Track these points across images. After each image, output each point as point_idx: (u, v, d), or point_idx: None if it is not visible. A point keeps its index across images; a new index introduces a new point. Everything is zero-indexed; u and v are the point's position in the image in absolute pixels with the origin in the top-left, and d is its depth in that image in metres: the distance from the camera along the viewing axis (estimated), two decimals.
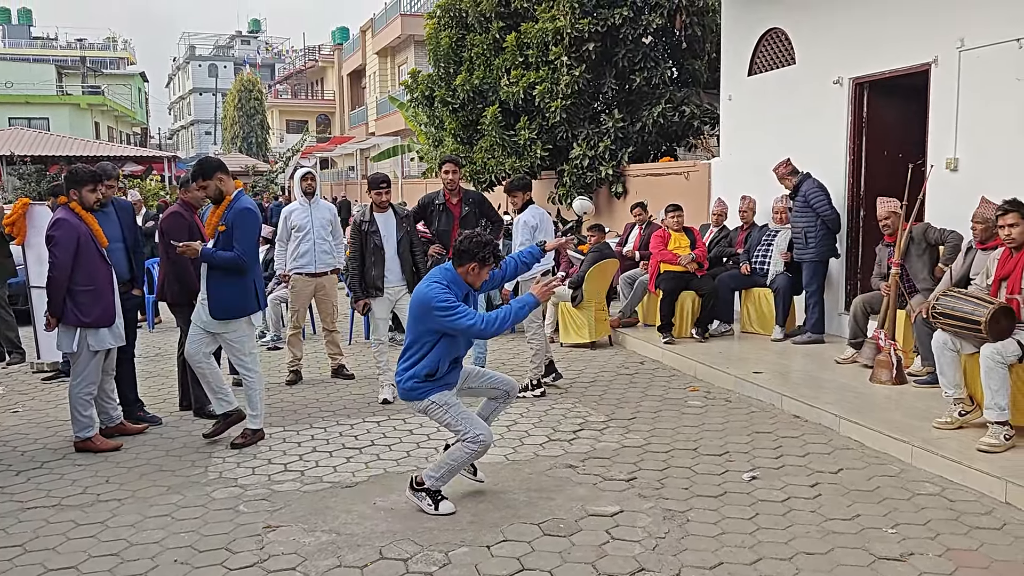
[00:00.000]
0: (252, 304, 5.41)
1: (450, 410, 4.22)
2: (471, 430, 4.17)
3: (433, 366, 4.20)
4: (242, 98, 46.61)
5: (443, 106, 13.95)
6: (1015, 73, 6.17)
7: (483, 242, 4.23)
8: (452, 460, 4.22)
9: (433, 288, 4.16)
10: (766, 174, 8.49)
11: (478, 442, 4.16)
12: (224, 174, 5.36)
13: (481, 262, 4.24)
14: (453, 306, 4.09)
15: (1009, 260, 4.97)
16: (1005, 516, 4.05)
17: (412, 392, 4.25)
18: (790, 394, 6.02)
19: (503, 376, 4.63)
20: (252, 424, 5.46)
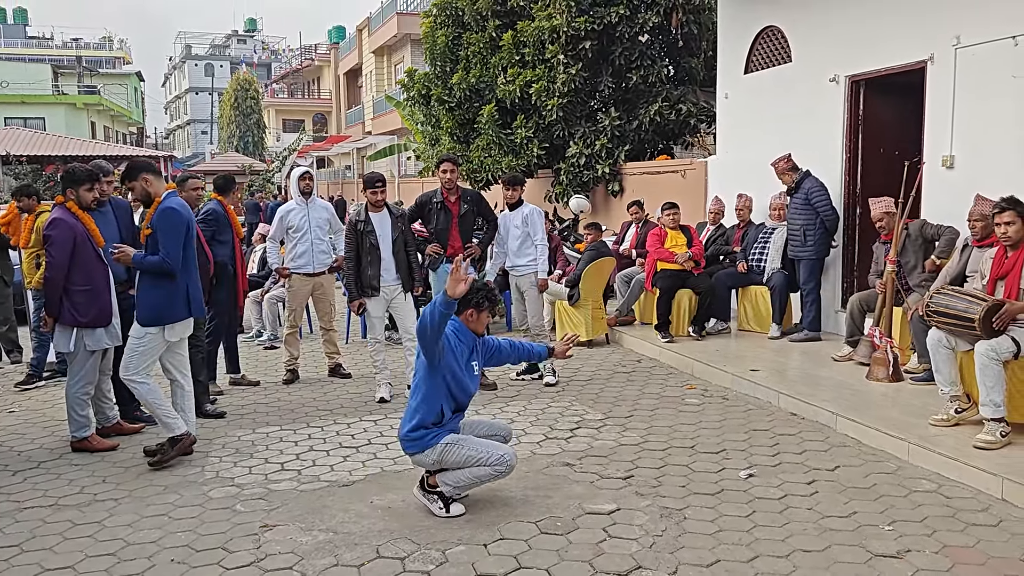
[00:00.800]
0: (181, 310, 5.05)
1: (466, 443, 4.18)
2: (494, 453, 4.13)
3: (437, 414, 4.17)
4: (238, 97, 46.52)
5: (439, 105, 13.94)
6: (1011, 70, 6.18)
7: (474, 288, 4.22)
8: (474, 477, 4.14)
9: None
10: (763, 172, 8.49)
11: (503, 463, 4.13)
12: (151, 175, 5.11)
13: (476, 307, 4.25)
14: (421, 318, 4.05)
15: (1005, 260, 4.97)
16: (1001, 513, 4.06)
17: (422, 441, 4.15)
18: (787, 392, 6.03)
19: (499, 423, 4.60)
20: (168, 433, 5.05)
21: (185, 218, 5.06)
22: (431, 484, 4.20)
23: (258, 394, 6.78)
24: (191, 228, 5.15)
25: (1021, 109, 6.13)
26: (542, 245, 6.90)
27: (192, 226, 5.19)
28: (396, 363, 7.09)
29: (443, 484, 4.16)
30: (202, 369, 6.15)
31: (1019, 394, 4.83)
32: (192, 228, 5.18)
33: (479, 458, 4.12)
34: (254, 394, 6.77)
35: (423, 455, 4.17)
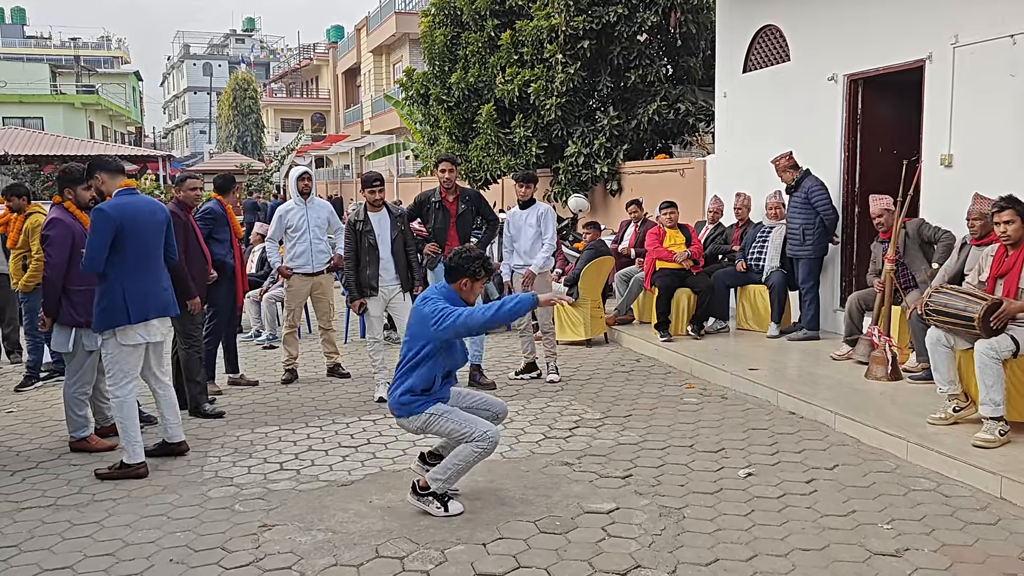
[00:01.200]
0: (119, 315, 4.69)
1: (451, 415, 4.17)
2: (477, 428, 4.12)
3: (428, 381, 4.19)
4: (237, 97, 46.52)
5: (438, 104, 13.94)
6: (1009, 69, 6.18)
7: (472, 256, 4.24)
8: (460, 461, 4.12)
9: (425, 303, 4.20)
10: (762, 171, 8.50)
11: (486, 439, 4.10)
12: (105, 173, 4.93)
13: (472, 276, 4.24)
14: (439, 309, 4.09)
15: (1005, 258, 4.97)
16: (1000, 511, 4.07)
17: (409, 407, 4.19)
18: (786, 391, 6.03)
19: (493, 399, 4.57)
20: (124, 456, 4.81)
21: (114, 219, 4.66)
22: (422, 487, 4.17)
23: (257, 394, 6.77)
24: (125, 230, 4.71)
25: (1019, 108, 6.13)
26: (550, 243, 6.93)
27: (128, 228, 4.72)
28: (395, 363, 7.06)
29: (432, 482, 4.14)
30: (199, 369, 6.14)
31: (1018, 393, 4.84)
32: (128, 230, 4.72)
33: (462, 432, 4.10)
34: (253, 394, 6.77)
35: (408, 420, 4.24)
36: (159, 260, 4.97)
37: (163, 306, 4.95)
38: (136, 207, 4.82)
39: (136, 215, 4.79)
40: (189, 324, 6.00)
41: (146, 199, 4.99)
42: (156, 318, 4.89)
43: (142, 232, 4.81)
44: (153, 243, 4.90)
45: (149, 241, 4.87)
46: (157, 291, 4.89)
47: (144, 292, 4.80)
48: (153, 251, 4.91)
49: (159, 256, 4.97)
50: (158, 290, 4.90)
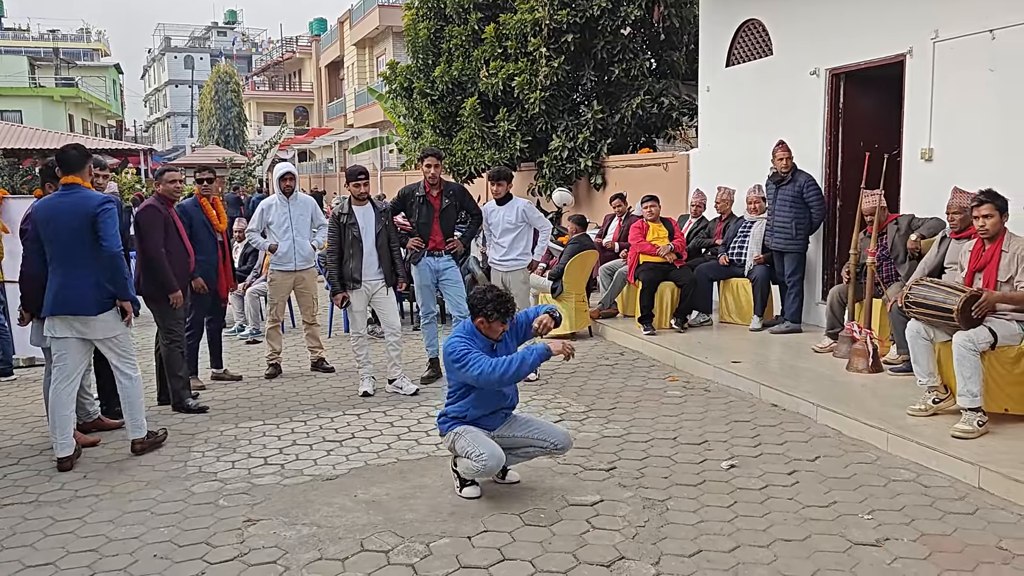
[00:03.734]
0: (45, 307, 4.85)
1: (465, 435, 4.27)
2: (476, 450, 4.19)
3: (462, 412, 4.35)
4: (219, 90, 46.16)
5: (422, 98, 13.90)
6: (988, 64, 6.24)
7: (486, 299, 4.26)
8: (468, 467, 4.23)
9: (451, 341, 4.28)
10: (744, 165, 8.55)
11: (480, 462, 4.15)
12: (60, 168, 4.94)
13: (486, 316, 4.27)
14: (463, 355, 4.17)
15: (984, 252, 5.03)
16: (978, 501, 4.12)
17: (442, 426, 4.44)
18: (768, 383, 6.08)
19: (557, 429, 4.53)
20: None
21: (33, 217, 4.87)
22: (455, 462, 4.39)
23: (240, 389, 6.75)
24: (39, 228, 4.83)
25: (998, 102, 6.20)
26: (546, 231, 7.05)
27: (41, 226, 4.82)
28: (379, 357, 7.08)
29: (459, 464, 4.34)
30: (182, 364, 6.11)
31: (995, 384, 4.90)
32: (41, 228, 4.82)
33: (467, 452, 4.22)
34: (236, 389, 6.75)
35: (442, 437, 4.46)
36: (76, 258, 4.79)
37: (61, 305, 4.79)
38: (51, 206, 4.84)
39: (50, 213, 4.81)
40: (170, 319, 5.97)
41: (77, 196, 4.83)
42: (59, 315, 4.80)
43: (54, 230, 4.80)
44: (68, 241, 4.78)
45: (62, 239, 4.78)
46: (65, 289, 4.78)
47: (52, 289, 4.81)
48: (68, 249, 4.79)
49: (76, 254, 4.79)
50: (67, 287, 4.78)
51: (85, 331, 4.86)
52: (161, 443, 5.27)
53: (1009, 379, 4.92)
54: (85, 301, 4.79)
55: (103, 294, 4.83)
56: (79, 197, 4.83)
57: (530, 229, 7.02)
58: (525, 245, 6.97)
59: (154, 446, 5.20)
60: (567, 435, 4.52)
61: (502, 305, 4.26)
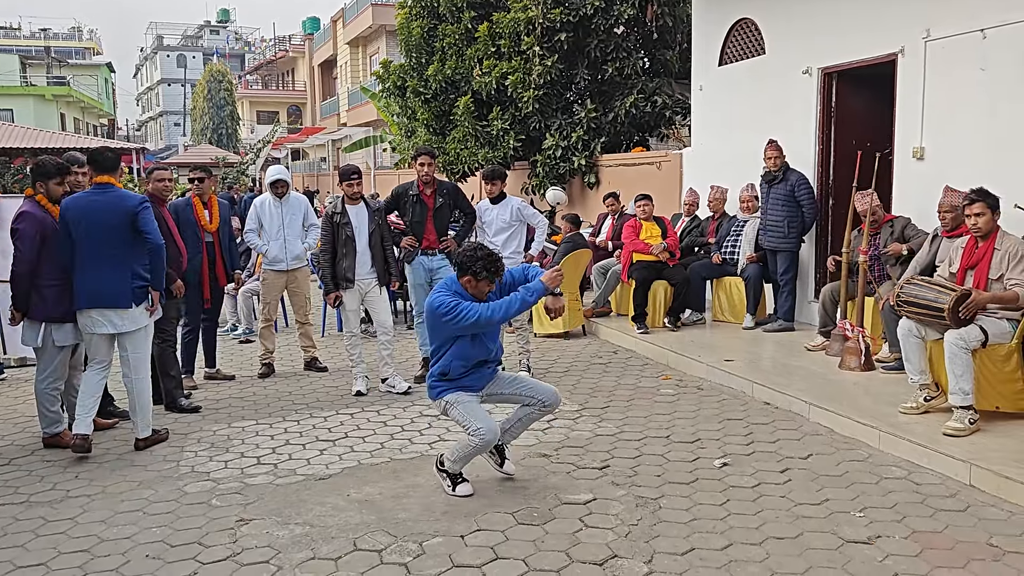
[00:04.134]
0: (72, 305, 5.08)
1: (460, 406, 4.29)
2: (473, 424, 4.21)
3: (446, 367, 4.33)
4: (211, 89, 46.02)
5: (415, 96, 13.89)
6: (979, 63, 6.26)
7: (477, 256, 4.24)
8: (461, 448, 4.28)
9: (436, 296, 4.28)
10: (737, 164, 8.57)
11: (478, 435, 4.18)
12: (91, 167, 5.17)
13: (474, 275, 4.25)
14: (453, 307, 4.17)
15: (976, 250, 5.05)
16: (969, 498, 4.14)
17: (431, 391, 4.41)
18: (761, 381, 6.09)
19: (544, 385, 4.55)
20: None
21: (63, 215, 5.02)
22: (440, 463, 4.36)
23: (233, 388, 6.74)
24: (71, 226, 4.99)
25: (989, 101, 6.22)
26: (543, 226, 7.10)
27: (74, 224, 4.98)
28: (372, 356, 7.07)
29: (447, 461, 4.31)
30: (174, 363, 6.13)
31: (986, 382, 4.92)
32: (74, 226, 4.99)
33: (463, 424, 4.26)
34: (229, 388, 6.73)
35: (433, 404, 4.45)
36: (114, 254, 5.00)
37: (98, 299, 5.00)
38: (85, 204, 5.02)
39: (84, 212, 4.99)
40: (162, 318, 5.95)
41: (112, 195, 5.05)
42: (94, 308, 5.01)
43: (89, 227, 4.97)
44: (105, 238, 4.98)
45: (99, 236, 4.97)
46: (102, 283, 4.99)
47: (86, 284, 4.99)
48: (105, 246, 4.98)
49: (115, 250, 5.00)
50: (104, 282, 4.99)
51: (118, 323, 5.06)
52: (163, 440, 5.32)
53: (1000, 377, 4.94)
54: (124, 294, 5.03)
55: (137, 287, 5.08)
56: (116, 195, 5.08)
57: (524, 228, 7.02)
58: (518, 244, 6.98)
59: (156, 443, 5.27)
60: (555, 392, 4.52)
61: (492, 264, 4.24)
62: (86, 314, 5.03)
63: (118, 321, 5.05)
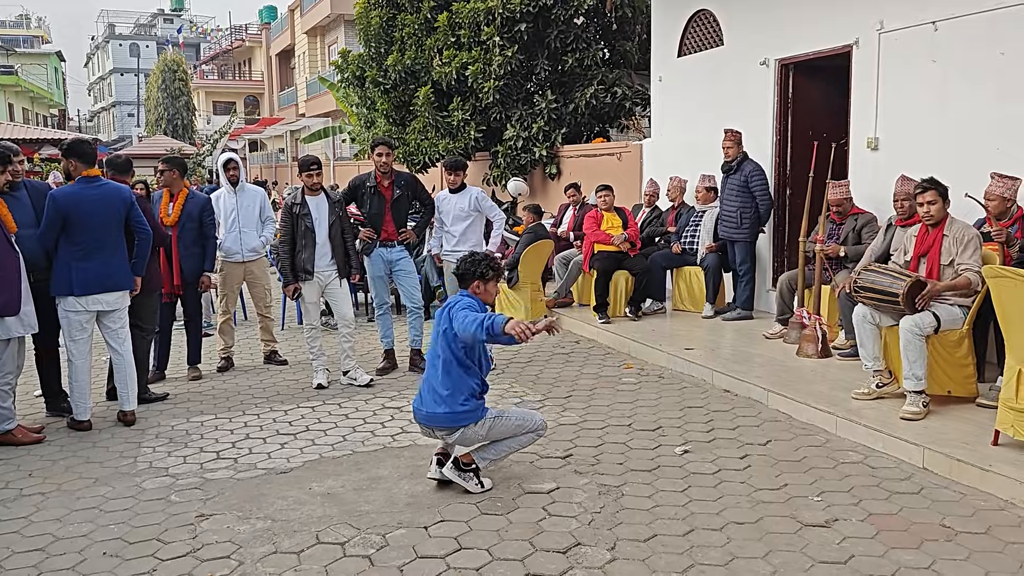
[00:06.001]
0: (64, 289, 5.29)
1: (510, 414, 4.29)
2: (535, 418, 4.30)
3: (480, 383, 4.26)
4: (166, 79, 45.06)
5: (374, 87, 13.77)
6: (931, 55, 6.39)
7: (476, 260, 4.28)
8: (517, 445, 4.27)
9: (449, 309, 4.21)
10: (696, 155, 8.64)
11: (544, 426, 4.33)
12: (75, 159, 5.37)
13: (481, 278, 4.26)
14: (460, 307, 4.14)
15: (927, 237, 5.16)
16: (923, 481, 4.24)
17: (475, 412, 4.16)
18: (721, 369, 6.17)
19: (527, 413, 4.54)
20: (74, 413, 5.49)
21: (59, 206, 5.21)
22: (465, 463, 4.21)
23: (191, 383, 6.63)
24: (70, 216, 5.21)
25: (941, 92, 6.35)
26: (499, 221, 7.03)
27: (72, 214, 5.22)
28: (333, 349, 7.02)
29: (481, 460, 4.23)
30: (145, 356, 6.06)
31: (939, 367, 5.04)
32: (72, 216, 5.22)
33: (525, 425, 4.25)
34: (187, 383, 6.63)
35: (475, 427, 4.16)
36: (114, 242, 5.37)
37: (108, 284, 5.36)
38: (80, 197, 5.26)
39: (81, 203, 5.24)
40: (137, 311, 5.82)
41: (108, 188, 5.41)
42: (101, 293, 5.33)
43: (88, 218, 5.25)
44: (105, 227, 5.32)
45: (99, 225, 5.29)
46: (102, 269, 5.32)
47: (86, 271, 5.26)
48: (106, 235, 5.32)
49: (115, 239, 5.37)
50: (103, 268, 5.32)
51: (115, 303, 5.42)
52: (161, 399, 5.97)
53: (951, 362, 5.07)
54: (126, 278, 5.48)
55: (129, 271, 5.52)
56: (111, 188, 5.44)
57: (482, 219, 7.00)
58: (477, 238, 6.95)
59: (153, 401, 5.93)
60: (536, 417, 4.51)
61: (492, 261, 4.32)
62: (82, 300, 5.27)
63: (113, 302, 5.40)
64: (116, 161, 6.18)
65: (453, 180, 6.85)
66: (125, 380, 5.51)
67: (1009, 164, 5.59)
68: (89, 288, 5.29)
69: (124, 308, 5.51)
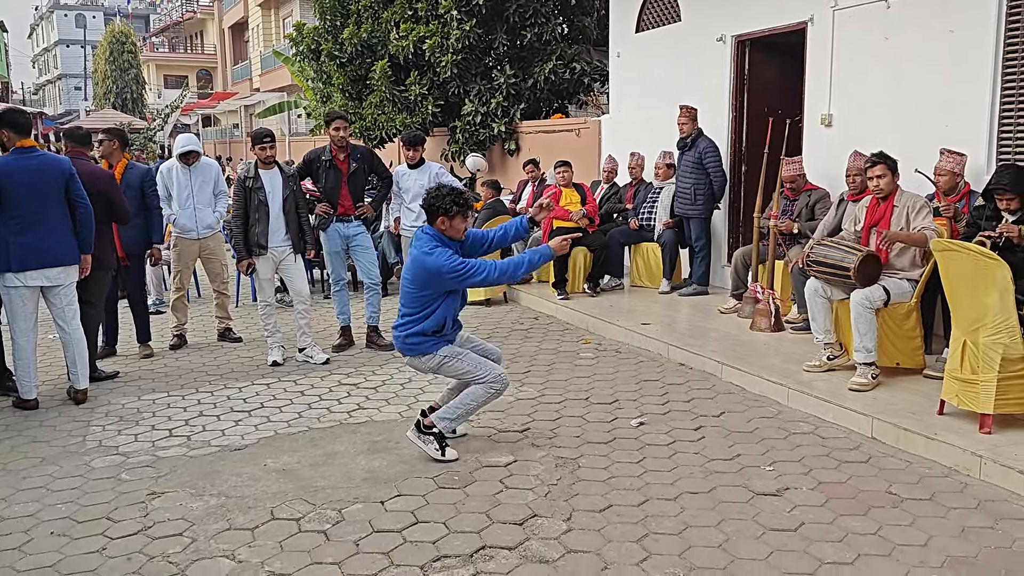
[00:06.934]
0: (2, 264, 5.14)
1: (464, 358, 4.28)
2: (490, 371, 4.25)
3: (439, 323, 4.26)
4: (114, 51, 43.78)
5: (330, 60, 13.54)
6: (884, 32, 6.46)
7: (441, 194, 4.20)
8: (471, 401, 4.26)
9: (436, 253, 4.16)
10: (654, 131, 8.66)
11: (500, 381, 4.25)
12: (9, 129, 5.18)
13: (446, 214, 4.19)
14: (462, 265, 4.13)
15: (878, 208, 5.26)
16: (871, 450, 4.34)
17: (419, 347, 4.26)
18: (676, 343, 6.23)
19: (491, 346, 4.62)
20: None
21: None
22: (426, 426, 4.26)
23: (143, 361, 6.51)
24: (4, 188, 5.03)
25: (893, 69, 6.43)
26: None
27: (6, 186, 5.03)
28: (288, 326, 6.94)
29: (439, 421, 4.25)
30: (94, 334, 5.93)
31: (888, 340, 5.15)
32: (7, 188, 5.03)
33: (476, 374, 4.23)
34: (138, 360, 6.51)
35: (420, 360, 4.30)
36: (56, 214, 5.16)
37: (47, 259, 5.15)
38: (16, 167, 5.06)
39: (15, 174, 5.03)
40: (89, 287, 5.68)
41: (45, 158, 5.21)
42: (41, 269, 5.15)
43: (26, 189, 5.05)
44: (45, 199, 5.12)
45: (38, 197, 5.09)
46: (41, 243, 5.12)
47: (28, 244, 5.07)
48: (46, 207, 5.12)
49: (56, 211, 5.16)
50: (42, 242, 5.12)
51: (59, 279, 5.22)
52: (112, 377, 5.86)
53: (900, 334, 5.18)
54: (71, 251, 5.25)
55: (75, 245, 5.28)
56: (49, 159, 5.23)
57: None
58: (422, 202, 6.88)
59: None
60: (498, 352, 4.60)
61: (460, 197, 4.22)
62: (24, 275, 5.10)
63: (58, 277, 5.21)
64: (76, 133, 6.01)
65: (412, 155, 6.78)
66: (75, 359, 5.37)
67: (958, 140, 5.70)
68: (27, 263, 5.10)
69: (70, 285, 5.32)
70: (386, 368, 6.11)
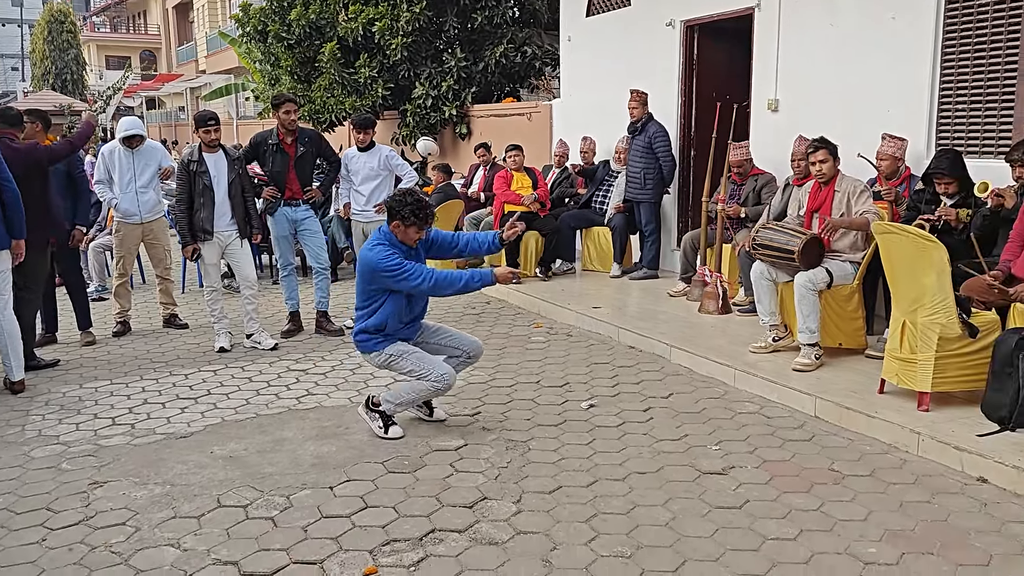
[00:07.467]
0: None
1: (409, 356, 4.30)
2: (434, 371, 4.26)
3: (382, 321, 4.27)
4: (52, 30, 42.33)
5: (278, 42, 13.30)
6: (829, 19, 6.56)
7: (405, 201, 4.17)
8: (413, 391, 4.29)
9: (377, 250, 4.19)
10: (605, 115, 8.69)
11: (442, 381, 4.26)
12: None
13: (402, 220, 4.18)
14: (398, 266, 4.13)
15: (820, 193, 5.35)
16: (814, 428, 4.43)
17: (366, 344, 4.34)
18: (626, 326, 6.29)
19: (468, 337, 4.61)
20: None
21: None
22: (375, 403, 4.38)
23: (85, 348, 6.35)
24: None
25: (838, 55, 6.53)
26: (411, 178, 6.86)
27: None
28: (236, 312, 6.83)
29: (385, 403, 4.33)
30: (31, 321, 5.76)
31: (830, 321, 5.26)
32: None
33: (421, 372, 4.25)
34: (80, 348, 6.35)
35: (370, 356, 4.39)
36: None
37: None
38: None
39: None
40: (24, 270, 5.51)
41: None
42: None
43: None
44: None
45: None
46: None
47: None
48: None
49: None
50: None
51: None
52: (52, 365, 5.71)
53: (843, 315, 5.29)
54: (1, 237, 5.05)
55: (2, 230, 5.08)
56: None
57: (392, 178, 6.88)
58: (387, 195, 6.83)
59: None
60: (479, 343, 4.62)
61: (420, 211, 4.19)
62: None
63: None
64: (8, 114, 5.80)
65: (362, 138, 6.69)
66: (6, 350, 5.16)
67: (899, 125, 5.82)
68: None
69: (3, 272, 5.13)
70: (335, 354, 6.05)
